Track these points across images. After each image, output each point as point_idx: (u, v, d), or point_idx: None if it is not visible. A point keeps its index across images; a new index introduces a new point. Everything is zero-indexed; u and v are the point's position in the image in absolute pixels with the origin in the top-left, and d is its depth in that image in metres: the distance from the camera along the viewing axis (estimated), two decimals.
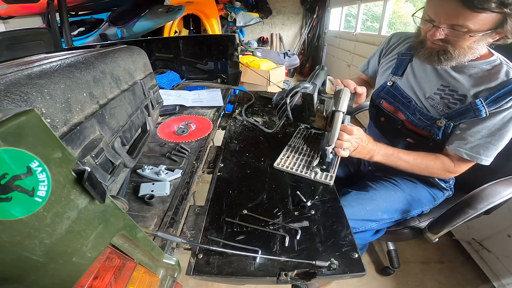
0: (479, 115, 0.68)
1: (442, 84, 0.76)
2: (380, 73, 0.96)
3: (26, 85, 0.39)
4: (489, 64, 0.70)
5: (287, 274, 0.49)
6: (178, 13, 2.87)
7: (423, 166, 0.78)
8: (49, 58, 0.57)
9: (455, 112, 0.73)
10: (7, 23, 3.25)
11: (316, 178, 0.74)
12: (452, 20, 0.62)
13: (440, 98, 0.76)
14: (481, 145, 0.70)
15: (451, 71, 0.74)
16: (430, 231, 0.78)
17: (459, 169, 0.77)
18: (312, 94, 0.70)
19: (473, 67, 0.71)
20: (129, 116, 0.65)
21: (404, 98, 0.84)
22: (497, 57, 0.70)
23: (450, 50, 0.67)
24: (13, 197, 0.19)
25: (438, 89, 0.77)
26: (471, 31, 0.61)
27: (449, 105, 0.75)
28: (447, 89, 0.75)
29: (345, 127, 0.70)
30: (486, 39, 0.64)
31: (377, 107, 0.94)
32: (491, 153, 0.70)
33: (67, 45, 1.88)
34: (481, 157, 0.71)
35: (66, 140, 0.41)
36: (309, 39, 4.67)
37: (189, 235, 0.59)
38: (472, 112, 0.69)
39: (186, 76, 1.67)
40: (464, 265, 1.28)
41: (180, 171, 0.74)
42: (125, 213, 0.33)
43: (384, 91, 0.89)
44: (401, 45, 0.90)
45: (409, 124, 0.84)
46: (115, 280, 0.33)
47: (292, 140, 0.93)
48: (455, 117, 0.73)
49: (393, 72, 0.88)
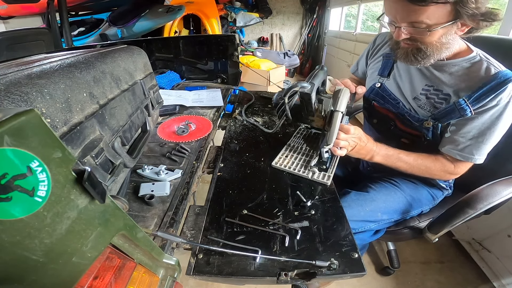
0: (465, 115, 0.68)
1: (426, 84, 0.76)
2: (368, 75, 0.96)
3: (26, 85, 0.39)
4: (468, 62, 0.69)
5: (287, 274, 0.49)
6: (178, 13, 2.87)
7: (423, 167, 0.77)
8: (49, 58, 0.57)
9: (441, 112, 0.73)
10: (7, 23, 3.25)
11: (314, 177, 0.74)
12: (407, 18, 0.62)
13: (426, 98, 0.76)
14: (473, 145, 0.70)
15: (433, 70, 0.74)
16: (429, 231, 0.77)
17: (459, 170, 0.77)
18: (309, 94, 0.70)
19: (453, 65, 0.71)
20: (129, 116, 0.65)
21: (392, 99, 0.83)
22: (476, 54, 0.70)
23: (422, 47, 0.67)
24: (13, 197, 0.19)
25: (423, 89, 0.77)
26: (430, 26, 0.60)
27: (435, 105, 0.74)
28: (431, 89, 0.75)
29: (342, 126, 0.70)
30: (453, 32, 0.63)
31: (368, 108, 0.94)
32: (483, 151, 0.70)
33: (67, 45, 1.88)
34: (475, 157, 0.71)
35: (66, 140, 0.41)
36: (309, 39, 4.67)
37: (189, 235, 0.59)
38: (457, 112, 0.69)
39: (186, 76, 1.67)
40: (464, 265, 1.28)
41: (180, 171, 0.74)
42: (125, 213, 0.33)
43: (373, 92, 0.89)
44: (385, 46, 0.89)
45: (400, 125, 0.84)
46: (115, 280, 0.33)
47: (292, 139, 0.93)
48: (441, 118, 0.73)
49: (380, 73, 0.88)
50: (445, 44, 0.66)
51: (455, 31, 0.63)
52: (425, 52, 0.67)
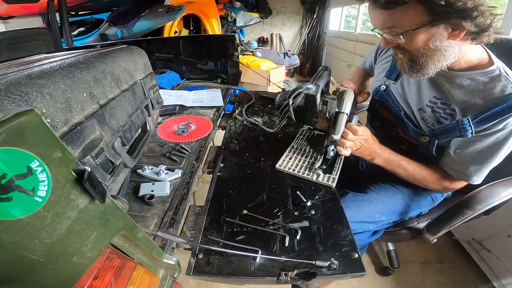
0: (464, 135, 0.64)
1: (435, 96, 0.70)
2: (376, 74, 0.92)
3: (26, 85, 0.39)
4: (485, 75, 0.62)
5: (287, 274, 0.49)
6: (178, 13, 2.87)
7: (419, 177, 0.76)
8: (49, 58, 0.57)
9: (440, 129, 0.69)
10: (7, 23, 3.25)
11: (319, 180, 0.74)
12: (384, 25, 0.60)
13: (431, 111, 0.71)
14: (472, 167, 0.68)
15: (443, 81, 0.68)
16: (428, 231, 0.77)
17: (455, 186, 0.75)
18: (315, 95, 0.70)
19: (466, 78, 0.64)
20: (129, 116, 0.65)
21: (394, 105, 0.80)
22: (496, 67, 0.62)
23: (414, 58, 0.62)
24: (13, 197, 0.19)
25: (430, 101, 0.71)
26: (405, 30, 0.57)
27: (440, 119, 0.69)
28: (439, 102, 0.70)
29: (350, 126, 0.69)
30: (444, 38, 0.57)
31: (372, 110, 0.91)
32: (482, 174, 0.69)
33: (67, 45, 1.88)
34: (473, 178, 0.69)
35: (66, 140, 0.41)
36: (309, 39, 4.67)
37: (189, 235, 0.59)
38: (457, 131, 0.65)
39: (186, 76, 1.67)
40: (464, 265, 1.28)
41: (180, 171, 0.74)
42: (125, 213, 0.33)
43: (378, 95, 0.85)
44: None
45: (401, 132, 0.81)
46: (115, 280, 0.33)
47: (295, 141, 0.92)
48: (440, 134, 0.70)
49: (387, 75, 0.82)
50: (436, 51, 0.59)
51: (447, 36, 0.56)
52: (417, 62, 0.62)
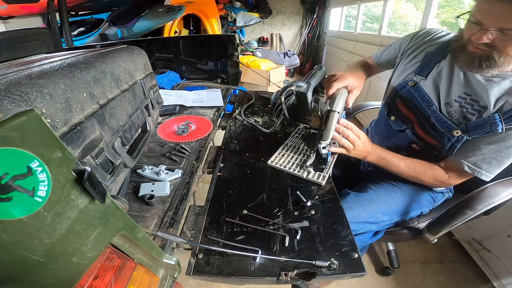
0: (495, 130, 0.63)
1: (465, 92, 0.70)
2: (399, 70, 0.88)
3: (26, 85, 0.39)
4: None
5: (287, 274, 0.49)
6: (178, 13, 2.87)
7: (413, 173, 0.76)
8: (49, 58, 0.57)
9: (472, 125, 0.67)
10: (7, 23, 3.25)
11: (309, 177, 0.74)
12: (503, 24, 0.56)
13: (459, 106, 0.71)
14: (485, 160, 0.67)
15: (480, 79, 0.67)
16: (428, 231, 0.78)
17: (453, 181, 0.75)
18: (305, 93, 0.70)
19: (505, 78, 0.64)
20: (129, 116, 0.65)
21: (424, 101, 0.77)
22: None
23: (495, 56, 0.60)
24: (13, 197, 0.19)
25: (459, 96, 0.71)
26: None
27: (466, 115, 0.69)
28: (468, 98, 0.69)
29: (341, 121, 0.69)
30: None
31: (391, 104, 0.89)
32: (493, 169, 0.67)
33: (67, 45, 1.88)
34: (483, 172, 0.68)
35: (66, 140, 0.41)
36: (309, 39, 4.67)
37: (189, 235, 0.59)
38: (488, 127, 0.64)
39: (186, 76, 1.67)
40: (464, 265, 1.28)
41: (180, 171, 0.74)
42: (125, 213, 0.33)
43: (403, 90, 0.82)
44: (430, 44, 0.81)
45: (418, 129, 0.80)
46: (115, 280, 0.33)
47: (290, 139, 0.93)
48: (471, 130, 0.68)
49: (417, 72, 0.80)
50: None
51: None
52: (496, 61, 0.60)
